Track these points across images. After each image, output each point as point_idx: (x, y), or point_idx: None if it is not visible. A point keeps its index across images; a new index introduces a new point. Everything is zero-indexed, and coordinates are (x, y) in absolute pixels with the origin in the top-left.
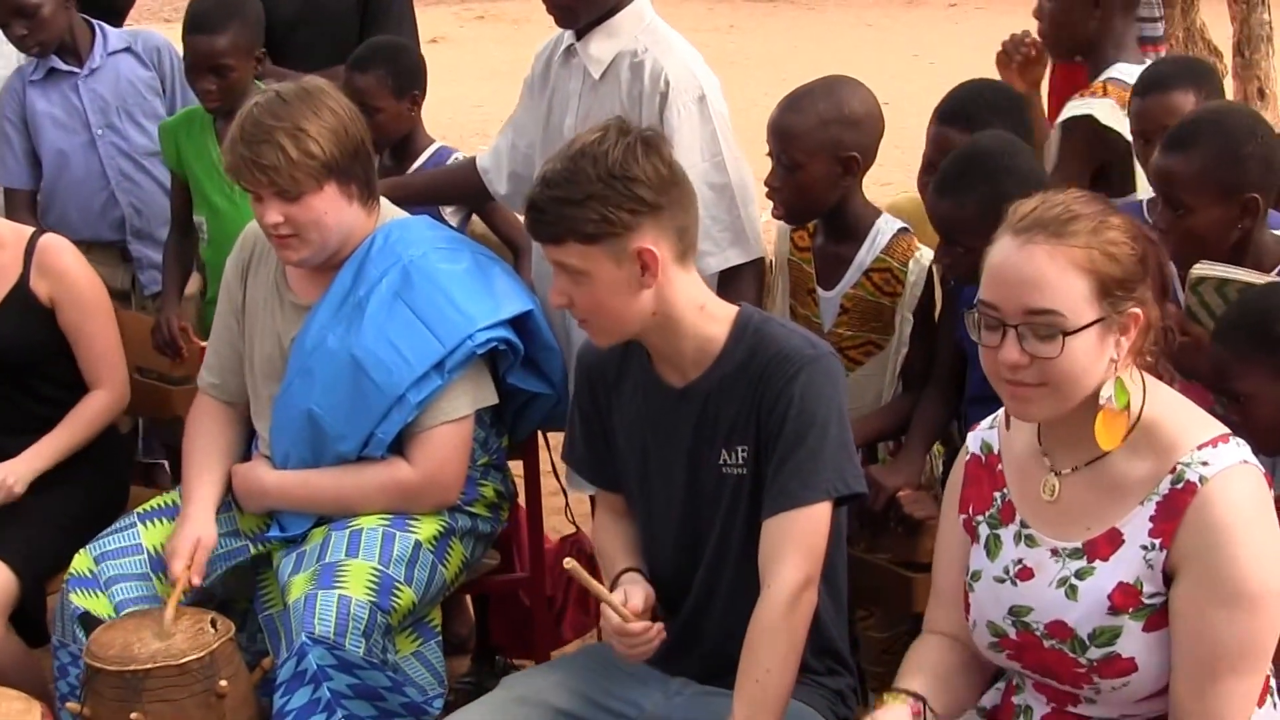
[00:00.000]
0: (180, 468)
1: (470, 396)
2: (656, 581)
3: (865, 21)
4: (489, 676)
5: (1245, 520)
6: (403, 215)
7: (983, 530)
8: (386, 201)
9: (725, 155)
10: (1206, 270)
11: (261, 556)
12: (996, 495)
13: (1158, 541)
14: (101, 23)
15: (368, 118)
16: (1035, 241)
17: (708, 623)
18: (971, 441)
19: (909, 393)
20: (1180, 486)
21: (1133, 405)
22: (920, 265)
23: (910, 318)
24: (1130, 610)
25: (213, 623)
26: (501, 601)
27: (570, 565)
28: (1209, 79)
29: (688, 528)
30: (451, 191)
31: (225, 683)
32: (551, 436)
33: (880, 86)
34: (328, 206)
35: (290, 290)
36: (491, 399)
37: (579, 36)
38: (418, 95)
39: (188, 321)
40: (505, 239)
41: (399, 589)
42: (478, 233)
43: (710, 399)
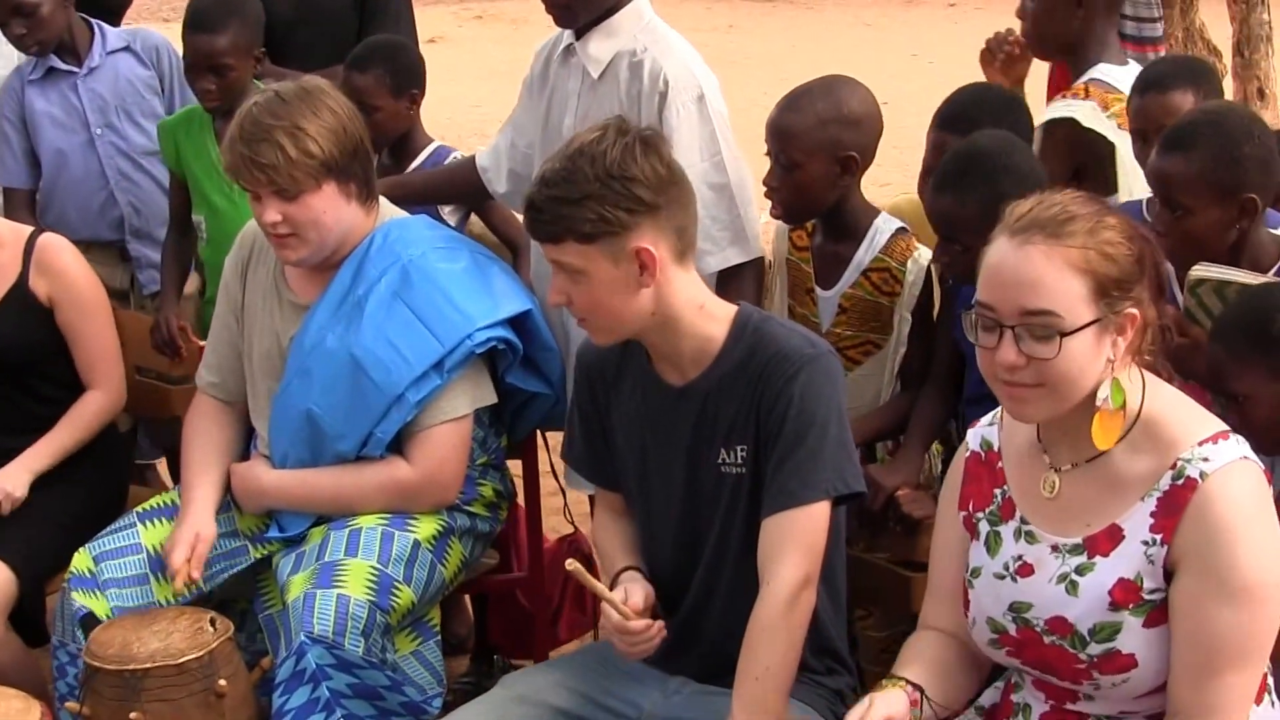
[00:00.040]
0: (179, 467)
1: (469, 396)
2: (656, 580)
3: (864, 21)
4: (487, 676)
5: (1245, 516)
6: (401, 214)
7: (983, 527)
8: (385, 201)
9: (724, 155)
10: (1205, 272)
11: (261, 558)
12: (996, 492)
13: (1158, 537)
14: (100, 22)
15: (366, 117)
16: (1032, 242)
17: (707, 622)
18: (971, 438)
19: (907, 392)
20: (1181, 482)
21: (1132, 402)
22: (919, 265)
23: (908, 317)
24: (1130, 606)
25: (211, 622)
26: (500, 601)
27: (572, 566)
28: (1208, 78)
29: (687, 527)
30: (450, 191)
31: (224, 682)
32: (550, 436)
33: (879, 86)
34: (326, 206)
35: (289, 289)
36: (490, 398)
37: (578, 36)
38: (416, 94)
39: (186, 321)
40: (504, 238)
41: (398, 588)
42: (476, 232)
43: (709, 398)
